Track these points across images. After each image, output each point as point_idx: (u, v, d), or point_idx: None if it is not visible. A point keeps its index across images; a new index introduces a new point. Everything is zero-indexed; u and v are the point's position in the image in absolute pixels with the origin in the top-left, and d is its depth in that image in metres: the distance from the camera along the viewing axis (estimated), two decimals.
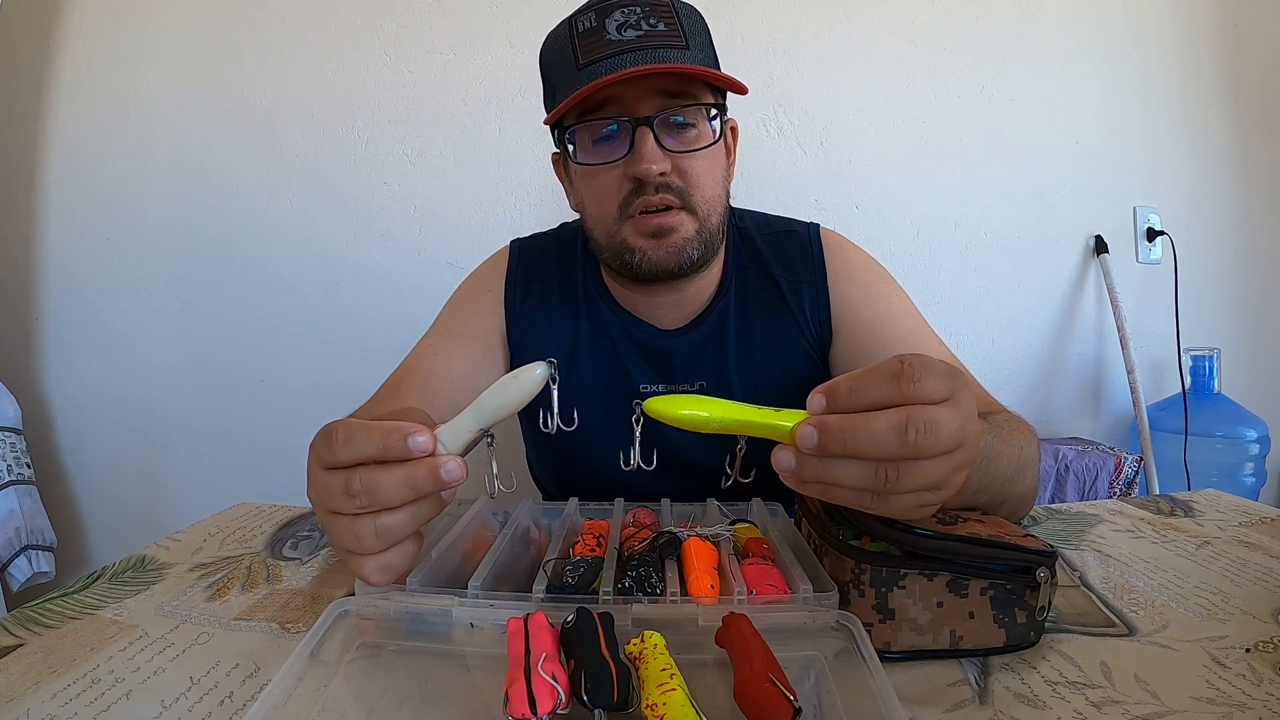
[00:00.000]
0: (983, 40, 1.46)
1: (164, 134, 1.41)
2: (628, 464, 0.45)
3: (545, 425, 0.45)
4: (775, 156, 1.43)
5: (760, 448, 0.40)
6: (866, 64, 1.44)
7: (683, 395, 0.38)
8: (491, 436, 0.42)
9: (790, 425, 0.35)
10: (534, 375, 0.39)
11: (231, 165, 1.41)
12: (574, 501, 0.60)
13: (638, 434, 0.44)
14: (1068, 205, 1.52)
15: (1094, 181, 1.52)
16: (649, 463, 0.46)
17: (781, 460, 0.35)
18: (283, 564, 0.58)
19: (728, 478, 0.41)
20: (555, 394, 0.42)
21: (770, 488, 0.54)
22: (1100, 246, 1.51)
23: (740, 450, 0.40)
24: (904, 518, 0.38)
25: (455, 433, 0.39)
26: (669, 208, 0.62)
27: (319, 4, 1.38)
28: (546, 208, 1.41)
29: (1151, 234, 1.54)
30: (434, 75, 1.38)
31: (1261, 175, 1.58)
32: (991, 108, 1.47)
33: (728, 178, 0.69)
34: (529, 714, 0.30)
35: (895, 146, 1.46)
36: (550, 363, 0.40)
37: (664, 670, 0.33)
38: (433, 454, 0.37)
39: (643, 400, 0.39)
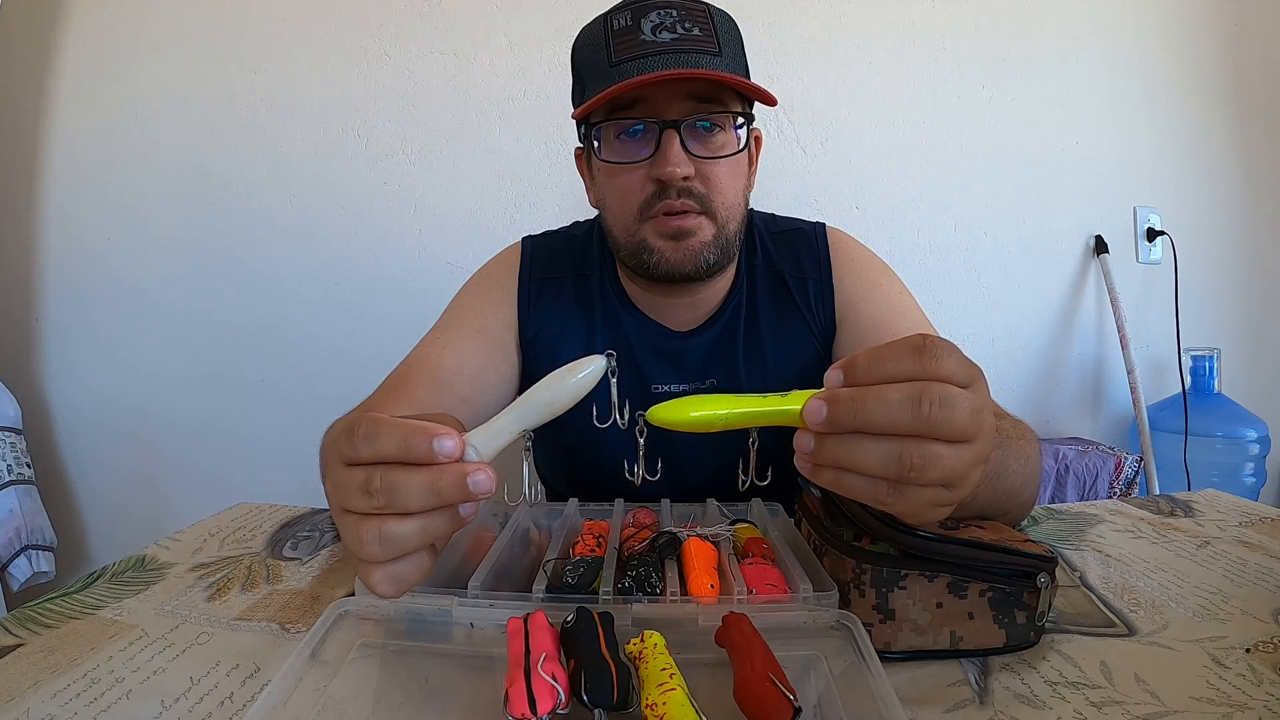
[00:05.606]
0: (983, 40, 1.46)
1: (163, 135, 1.41)
2: (631, 474, 0.44)
3: (601, 421, 0.43)
4: (775, 156, 1.43)
5: (771, 450, 0.39)
6: (867, 64, 1.44)
7: (684, 398, 0.36)
8: (532, 438, 0.39)
9: (798, 407, 0.33)
10: (593, 368, 0.36)
11: (231, 165, 1.41)
12: (574, 502, 0.60)
13: (642, 445, 0.43)
14: (1068, 205, 1.52)
15: (1094, 182, 1.52)
16: (653, 473, 0.45)
17: (803, 441, 0.33)
18: (283, 564, 0.58)
19: (744, 482, 0.39)
20: (615, 387, 0.40)
21: (790, 488, 0.54)
22: (1100, 247, 1.51)
23: (753, 444, 0.38)
24: (915, 518, 0.36)
25: (491, 436, 0.35)
26: (689, 212, 0.63)
27: (319, 5, 1.38)
28: (546, 207, 1.41)
29: (1152, 234, 1.54)
30: (434, 75, 1.38)
31: (1262, 175, 1.58)
32: (991, 108, 1.47)
33: (749, 186, 0.69)
34: (529, 714, 0.30)
35: (895, 146, 1.46)
36: (609, 355, 0.37)
37: (664, 670, 0.33)
38: (460, 460, 0.34)
39: (644, 412, 0.37)
